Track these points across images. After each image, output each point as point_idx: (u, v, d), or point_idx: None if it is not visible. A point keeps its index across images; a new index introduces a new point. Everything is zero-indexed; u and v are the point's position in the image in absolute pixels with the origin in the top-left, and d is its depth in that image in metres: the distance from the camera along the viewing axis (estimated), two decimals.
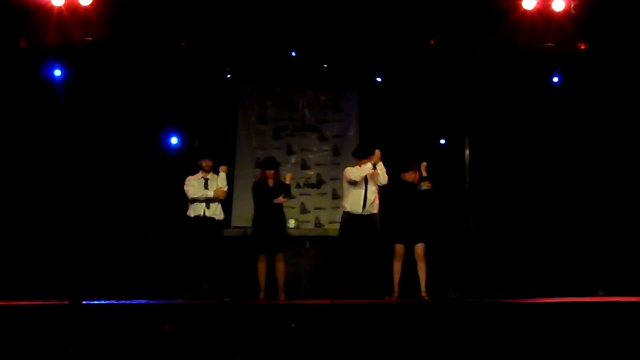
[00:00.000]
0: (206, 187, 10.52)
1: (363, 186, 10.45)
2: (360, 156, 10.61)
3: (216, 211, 10.57)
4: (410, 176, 10.56)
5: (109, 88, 11.95)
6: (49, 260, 11.32)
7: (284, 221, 10.78)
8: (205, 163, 10.66)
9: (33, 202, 11.61)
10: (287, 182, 10.77)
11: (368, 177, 10.39)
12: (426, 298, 10.27)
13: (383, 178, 10.46)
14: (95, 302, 8.60)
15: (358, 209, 10.45)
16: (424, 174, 10.57)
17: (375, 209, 10.54)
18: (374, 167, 10.30)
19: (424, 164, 10.61)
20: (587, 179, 12.17)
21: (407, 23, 11.08)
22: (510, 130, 12.38)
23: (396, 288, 10.42)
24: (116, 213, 11.89)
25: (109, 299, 9.36)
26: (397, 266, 10.45)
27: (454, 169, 12.44)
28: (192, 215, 10.52)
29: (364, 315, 7.96)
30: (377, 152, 10.36)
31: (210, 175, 10.65)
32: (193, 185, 10.55)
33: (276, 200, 10.56)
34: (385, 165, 10.56)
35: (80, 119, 11.81)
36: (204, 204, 10.49)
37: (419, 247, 10.44)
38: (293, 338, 5.14)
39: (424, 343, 7.64)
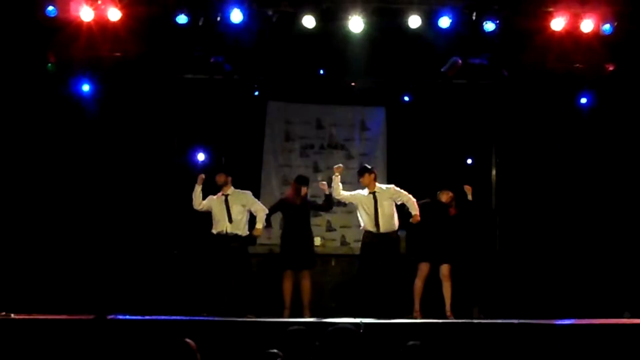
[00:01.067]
0: (226, 203, 10.49)
1: (372, 204, 10.40)
2: (359, 174, 10.65)
3: (239, 228, 10.51)
4: (445, 197, 10.51)
5: (137, 103, 12.02)
6: (75, 274, 11.36)
7: (310, 239, 10.78)
8: (218, 178, 10.60)
9: (60, 217, 11.66)
10: (326, 192, 10.72)
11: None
12: (451, 317, 10.22)
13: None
14: (120, 317, 8.60)
15: (372, 228, 10.42)
16: (470, 197, 10.58)
17: (394, 226, 10.49)
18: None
19: (469, 187, 10.62)
20: (613, 200, 12.07)
21: (435, 42, 11.06)
22: (537, 151, 12.34)
23: (417, 306, 10.36)
24: (142, 229, 11.93)
25: (134, 315, 9.37)
26: (418, 284, 10.40)
27: (481, 189, 12.38)
28: (214, 232, 10.51)
29: (389, 334, 7.92)
30: (338, 166, 10.66)
31: (230, 191, 10.59)
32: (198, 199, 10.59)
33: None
34: (411, 184, 10.59)
35: (107, 134, 11.88)
36: (226, 220, 10.47)
37: (445, 268, 10.41)
38: (318, 356, 5.12)
39: None
